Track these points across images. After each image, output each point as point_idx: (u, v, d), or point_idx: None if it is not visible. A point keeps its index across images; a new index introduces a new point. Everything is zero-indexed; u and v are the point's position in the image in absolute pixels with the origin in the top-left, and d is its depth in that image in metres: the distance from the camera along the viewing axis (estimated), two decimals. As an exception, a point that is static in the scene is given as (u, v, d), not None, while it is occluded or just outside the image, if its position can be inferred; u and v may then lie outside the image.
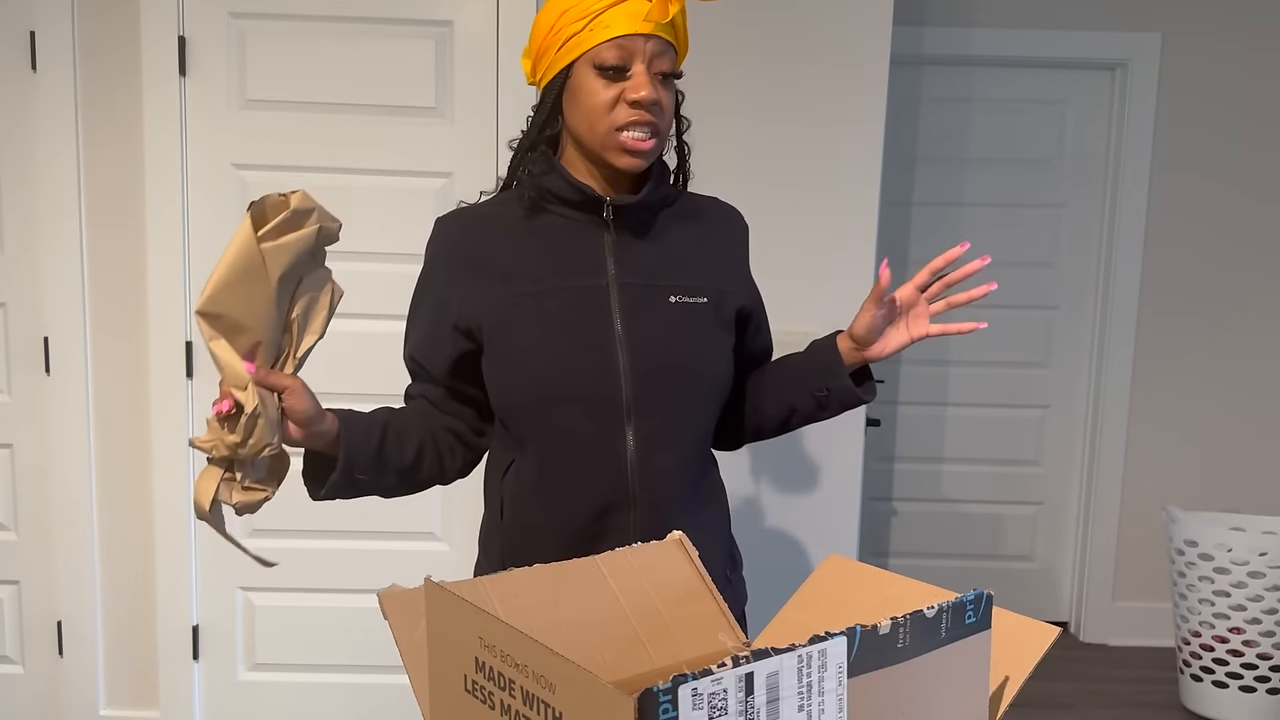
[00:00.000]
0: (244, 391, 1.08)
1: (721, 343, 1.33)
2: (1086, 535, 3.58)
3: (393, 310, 2.46)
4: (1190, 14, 3.33)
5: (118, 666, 2.57)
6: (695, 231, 1.36)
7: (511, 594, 0.91)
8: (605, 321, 1.26)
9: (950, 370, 3.57)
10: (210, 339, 1.08)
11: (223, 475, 1.11)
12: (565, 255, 1.29)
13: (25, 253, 2.44)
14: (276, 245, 1.09)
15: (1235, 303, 3.47)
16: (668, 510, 1.28)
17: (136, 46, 2.38)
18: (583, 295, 1.27)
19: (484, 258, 1.30)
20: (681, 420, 1.29)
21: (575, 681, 0.63)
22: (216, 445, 1.09)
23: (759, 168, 2.44)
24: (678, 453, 1.29)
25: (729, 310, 1.34)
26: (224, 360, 1.09)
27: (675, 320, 1.29)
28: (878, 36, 2.40)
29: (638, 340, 1.26)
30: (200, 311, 1.07)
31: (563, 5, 1.23)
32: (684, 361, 1.28)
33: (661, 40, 1.22)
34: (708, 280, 1.33)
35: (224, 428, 1.09)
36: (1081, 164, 3.49)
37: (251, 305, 1.09)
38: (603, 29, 1.20)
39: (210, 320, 1.07)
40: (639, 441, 1.26)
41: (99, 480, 2.50)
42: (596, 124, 1.23)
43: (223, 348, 1.08)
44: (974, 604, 0.78)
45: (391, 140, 2.41)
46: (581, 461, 1.27)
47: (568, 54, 1.23)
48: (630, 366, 1.25)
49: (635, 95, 1.20)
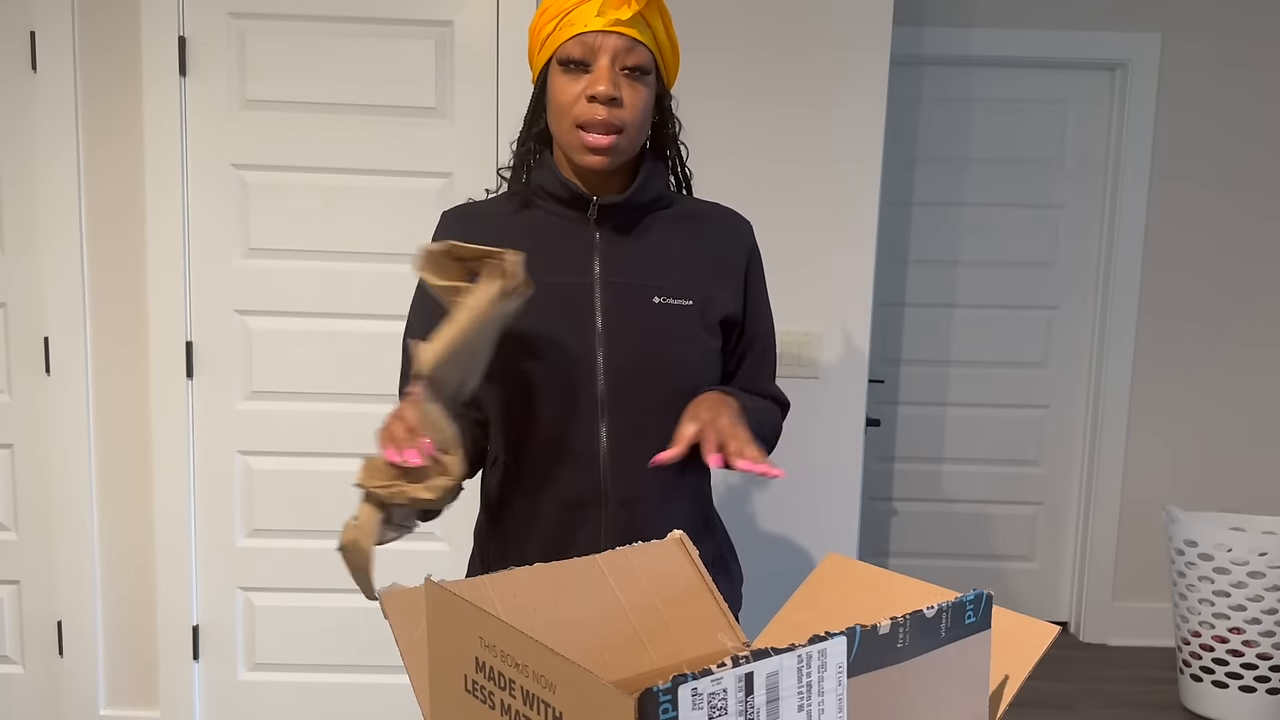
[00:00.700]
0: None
1: (706, 345, 1.33)
2: (1086, 535, 3.58)
3: (393, 310, 2.46)
4: (1190, 14, 3.33)
5: (118, 666, 2.57)
6: (689, 235, 1.36)
7: (511, 593, 0.91)
8: (587, 319, 1.28)
9: (950, 370, 3.57)
10: (428, 400, 1.07)
11: (382, 517, 1.09)
12: (552, 252, 1.30)
13: (25, 253, 2.45)
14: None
15: (1235, 302, 3.47)
16: (640, 509, 1.29)
17: (136, 46, 2.38)
18: (566, 292, 1.29)
19: None
20: (654, 419, 1.29)
21: (575, 681, 0.63)
22: (397, 493, 1.06)
23: (759, 167, 2.44)
24: (651, 451, 1.29)
25: (714, 315, 1.33)
26: (439, 423, 1.07)
27: (657, 320, 1.29)
28: (878, 36, 2.40)
29: (614, 339, 1.28)
30: (429, 375, 1.05)
31: (544, 5, 1.28)
32: (660, 361, 1.29)
33: (627, 37, 1.23)
34: (695, 283, 1.33)
35: (405, 478, 1.06)
36: (1081, 164, 3.49)
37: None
38: (568, 26, 1.23)
39: (431, 383, 1.06)
40: (611, 438, 1.28)
41: (99, 480, 2.51)
42: (561, 121, 1.26)
43: (437, 410, 1.07)
44: (974, 604, 0.78)
45: (391, 140, 2.41)
46: (555, 457, 1.29)
47: (544, 53, 1.27)
48: (606, 364, 1.27)
49: (592, 90, 1.22)
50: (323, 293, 2.44)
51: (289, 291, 2.44)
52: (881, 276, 3.52)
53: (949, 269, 3.52)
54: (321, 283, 2.44)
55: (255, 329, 2.45)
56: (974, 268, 3.53)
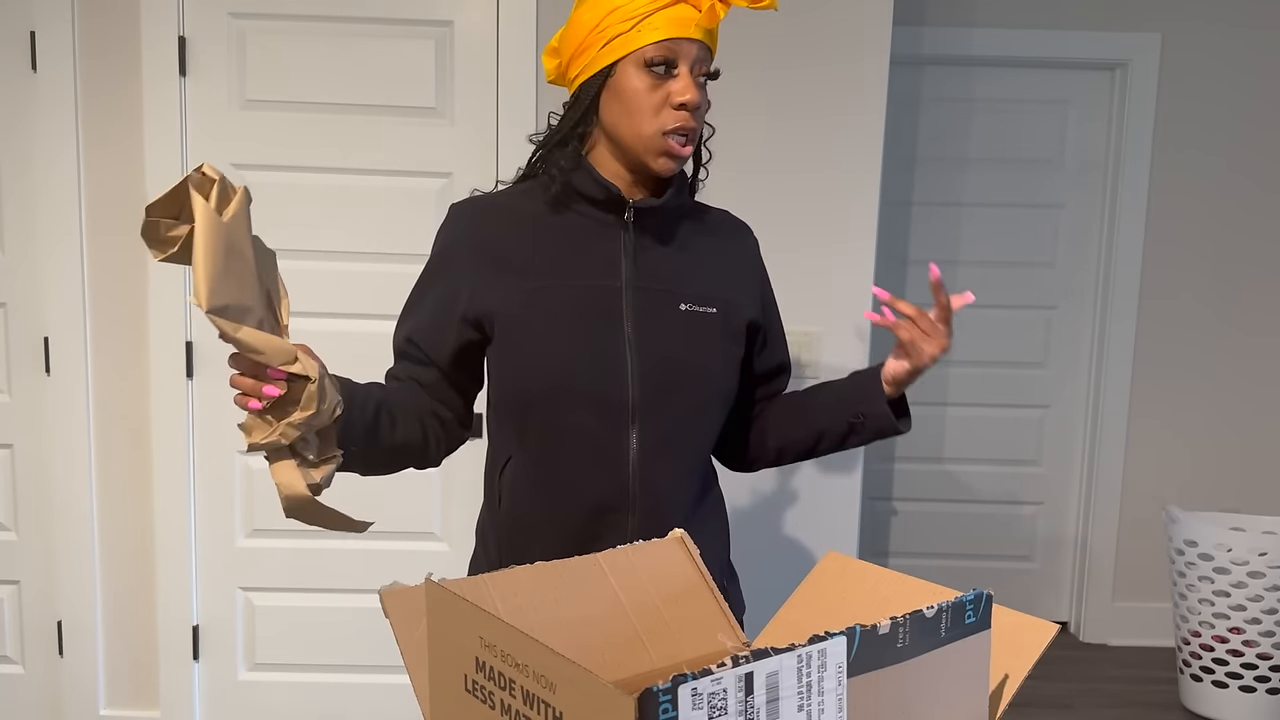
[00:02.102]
0: (296, 364, 1.02)
1: (728, 354, 1.33)
2: (1086, 535, 3.58)
3: (392, 310, 2.46)
4: (1190, 14, 3.33)
5: (118, 666, 2.57)
6: (710, 241, 1.37)
7: (513, 591, 0.91)
8: (615, 323, 1.26)
9: (950, 370, 3.57)
10: (234, 330, 1.01)
11: (296, 464, 1.04)
12: (583, 253, 1.28)
13: (25, 253, 2.45)
14: (231, 219, 1.01)
15: (1235, 302, 3.47)
16: (667, 516, 1.29)
17: (136, 46, 2.38)
18: (596, 295, 1.27)
19: (502, 249, 1.29)
20: (684, 427, 1.29)
21: (576, 681, 0.63)
22: (283, 433, 1.02)
23: (758, 167, 2.44)
24: (680, 459, 1.30)
25: (738, 322, 1.34)
26: (261, 342, 1.01)
27: (683, 327, 1.29)
28: (878, 37, 2.40)
29: (645, 344, 1.27)
30: (210, 310, 1.00)
31: (610, 4, 1.23)
32: (688, 369, 1.29)
33: (704, 46, 1.24)
34: (719, 291, 1.33)
35: (277, 412, 1.03)
36: (1081, 164, 3.49)
37: (243, 285, 1.01)
38: (651, 30, 1.21)
39: (221, 313, 1.00)
40: (642, 445, 1.26)
41: (99, 480, 2.51)
42: (642, 125, 1.24)
43: (250, 332, 1.01)
44: (974, 604, 0.78)
45: (391, 140, 2.41)
46: (583, 461, 1.27)
47: (611, 52, 1.23)
48: (637, 369, 1.26)
49: (682, 98, 1.22)
50: (323, 293, 2.44)
51: (289, 291, 2.44)
52: (881, 276, 3.52)
53: (949, 269, 3.52)
54: (322, 283, 2.44)
55: (255, 329, 2.45)
56: (974, 268, 3.53)
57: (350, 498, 2.48)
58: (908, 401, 1.39)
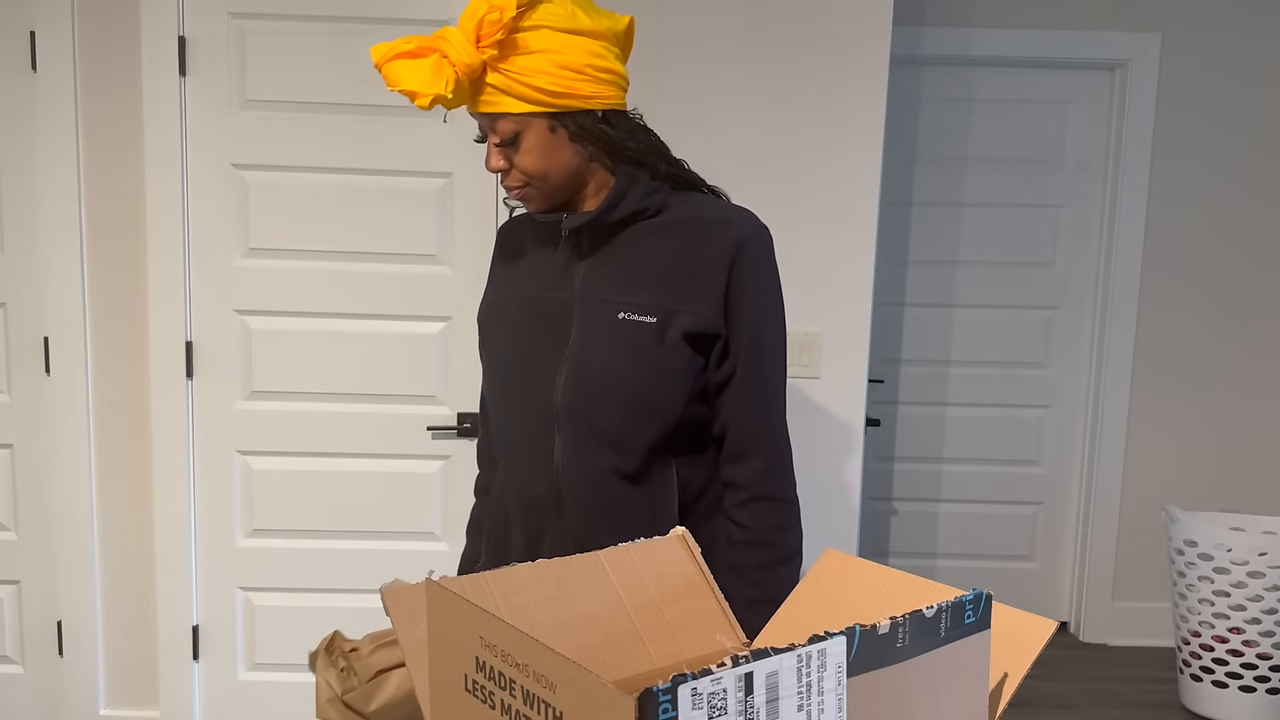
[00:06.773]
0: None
1: (661, 365, 1.29)
2: (1086, 535, 3.58)
3: (391, 310, 2.46)
4: (1190, 14, 3.33)
5: (118, 666, 2.57)
6: (668, 245, 1.32)
7: (514, 590, 0.91)
8: (563, 333, 1.34)
9: (950, 370, 3.58)
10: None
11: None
12: (546, 266, 1.39)
13: (25, 253, 2.45)
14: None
15: (1235, 302, 3.47)
16: (593, 519, 1.34)
17: (136, 46, 2.38)
18: (550, 306, 1.36)
19: (500, 268, 1.46)
20: (604, 433, 1.31)
21: (576, 681, 0.63)
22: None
23: (759, 167, 2.44)
24: (600, 464, 1.32)
25: (677, 331, 1.30)
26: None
27: (618, 337, 1.31)
28: (878, 36, 2.40)
29: (584, 353, 1.32)
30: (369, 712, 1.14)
31: None
32: (616, 377, 1.30)
33: (486, 115, 1.28)
34: (660, 298, 1.30)
35: None
36: (1081, 164, 3.49)
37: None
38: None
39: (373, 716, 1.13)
40: (564, 449, 1.33)
41: (99, 480, 2.51)
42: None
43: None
44: (973, 604, 0.78)
45: (391, 140, 2.41)
46: (521, 461, 1.37)
47: None
48: (565, 377, 1.32)
49: (486, 166, 1.32)
50: (323, 293, 2.44)
51: (289, 291, 2.44)
52: (881, 276, 3.52)
53: (949, 269, 3.52)
54: (321, 283, 2.44)
55: (255, 329, 2.45)
56: (974, 268, 3.53)
57: (350, 497, 2.48)
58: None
